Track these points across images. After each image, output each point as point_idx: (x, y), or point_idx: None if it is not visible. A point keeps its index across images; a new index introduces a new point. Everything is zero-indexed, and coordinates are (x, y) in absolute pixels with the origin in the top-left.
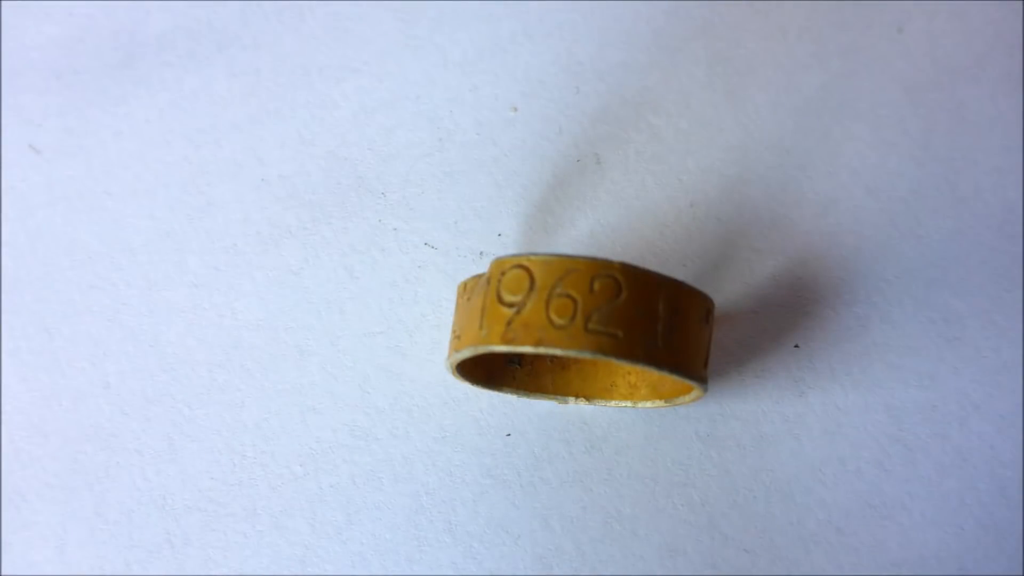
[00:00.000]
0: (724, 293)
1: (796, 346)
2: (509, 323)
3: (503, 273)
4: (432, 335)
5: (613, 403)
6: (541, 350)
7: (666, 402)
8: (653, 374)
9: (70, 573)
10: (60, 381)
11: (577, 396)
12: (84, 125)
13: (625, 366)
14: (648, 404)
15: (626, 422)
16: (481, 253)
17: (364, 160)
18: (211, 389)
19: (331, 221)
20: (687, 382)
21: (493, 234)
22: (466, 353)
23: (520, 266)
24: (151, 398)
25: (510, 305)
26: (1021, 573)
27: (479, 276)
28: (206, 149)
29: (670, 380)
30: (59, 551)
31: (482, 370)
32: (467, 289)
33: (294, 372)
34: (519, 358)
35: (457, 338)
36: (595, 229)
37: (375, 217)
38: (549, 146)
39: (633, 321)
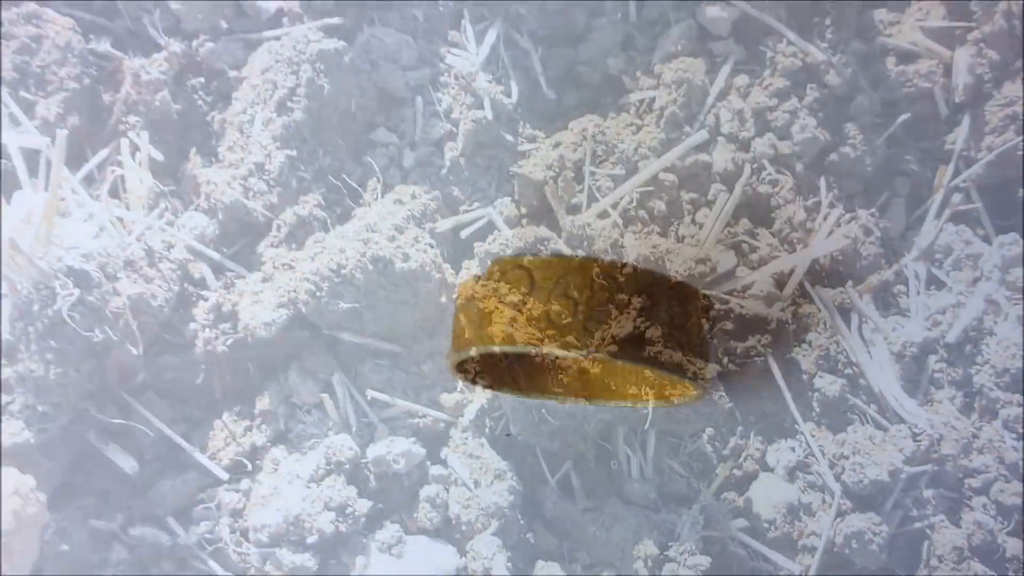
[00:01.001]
0: (723, 293)
1: (795, 346)
2: (509, 323)
3: (503, 273)
4: (432, 335)
5: (613, 403)
6: (541, 350)
7: (666, 402)
8: (653, 374)
9: (70, 573)
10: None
11: (577, 396)
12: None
13: (625, 366)
14: (648, 404)
15: (626, 422)
16: (482, 253)
17: (366, 158)
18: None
19: (332, 220)
20: (687, 382)
21: (493, 234)
22: (466, 353)
23: (520, 267)
24: (150, 396)
25: (510, 305)
26: (1021, 573)
27: (479, 276)
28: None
29: (670, 380)
30: (59, 551)
31: (482, 370)
32: (467, 289)
33: (293, 373)
34: (519, 358)
35: (457, 338)
36: (594, 229)
37: (375, 216)
38: (549, 145)
39: (633, 321)
